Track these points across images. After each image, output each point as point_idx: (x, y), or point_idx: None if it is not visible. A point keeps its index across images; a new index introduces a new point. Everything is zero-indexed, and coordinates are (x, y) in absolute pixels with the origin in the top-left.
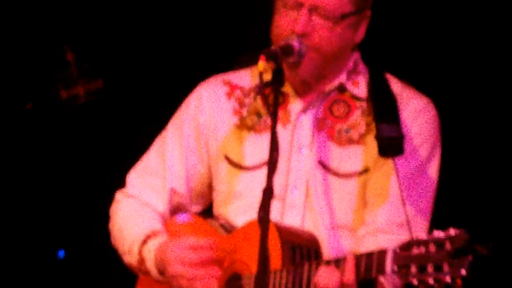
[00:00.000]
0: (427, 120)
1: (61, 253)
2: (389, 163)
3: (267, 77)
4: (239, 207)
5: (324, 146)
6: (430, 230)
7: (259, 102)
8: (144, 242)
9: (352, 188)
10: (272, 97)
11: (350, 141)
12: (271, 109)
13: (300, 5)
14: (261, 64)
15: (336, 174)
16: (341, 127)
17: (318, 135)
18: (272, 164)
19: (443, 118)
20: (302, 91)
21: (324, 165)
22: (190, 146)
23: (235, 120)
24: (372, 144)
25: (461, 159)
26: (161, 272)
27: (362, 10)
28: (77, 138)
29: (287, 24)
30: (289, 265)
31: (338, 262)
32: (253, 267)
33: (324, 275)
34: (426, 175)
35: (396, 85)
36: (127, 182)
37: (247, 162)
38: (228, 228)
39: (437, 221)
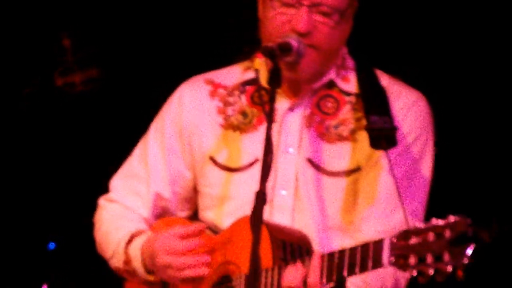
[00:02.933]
0: (418, 114)
1: (52, 245)
2: (380, 160)
3: (248, 76)
4: (226, 210)
5: (313, 144)
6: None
7: (244, 101)
8: (130, 241)
9: (342, 187)
10: (257, 96)
11: (340, 138)
12: (265, 105)
13: (299, 3)
14: (258, 61)
15: (326, 172)
16: (330, 123)
17: (307, 133)
18: (265, 167)
19: (434, 112)
20: (291, 89)
21: (313, 163)
22: (173, 149)
23: (219, 120)
24: (363, 140)
25: (455, 153)
26: (148, 269)
27: (354, 2)
28: (72, 127)
29: (285, 21)
30: (279, 264)
31: (303, 260)
32: (243, 268)
33: (289, 274)
34: (419, 173)
35: (385, 80)
36: (110, 188)
37: (234, 163)
38: (215, 231)
39: (431, 212)
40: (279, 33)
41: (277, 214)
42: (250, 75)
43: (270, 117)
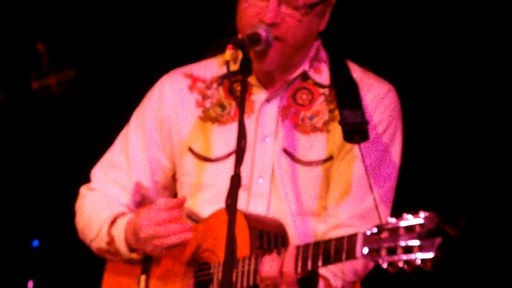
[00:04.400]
0: (388, 106)
1: (35, 243)
2: (353, 150)
3: (233, 67)
4: (205, 198)
5: (288, 135)
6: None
7: (222, 93)
8: (113, 222)
9: (317, 175)
10: (237, 87)
11: (314, 129)
12: (239, 98)
13: None
14: (228, 53)
15: (301, 162)
16: (305, 114)
17: (283, 124)
18: (240, 152)
19: (404, 103)
20: (266, 81)
21: (288, 153)
22: (153, 139)
23: (198, 112)
24: (336, 131)
25: (424, 145)
26: (132, 248)
27: None
28: (51, 128)
29: (255, 13)
30: (256, 252)
31: (279, 251)
32: (221, 255)
33: (266, 264)
34: (389, 162)
35: (357, 72)
36: (91, 177)
37: (212, 153)
38: (194, 219)
39: (403, 207)
40: (249, 24)
41: (254, 201)
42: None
43: (242, 105)
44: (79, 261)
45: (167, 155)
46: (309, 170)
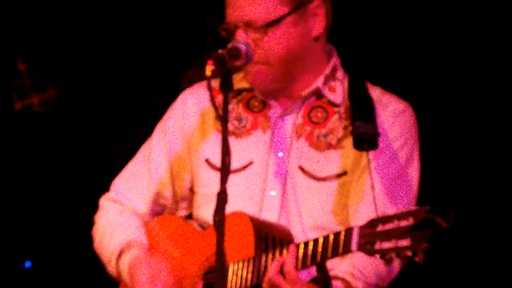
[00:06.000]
0: (405, 122)
1: (28, 264)
2: (367, 165)
3: (244, 84)
4: None
5: (303, 152)
6: None
7: (240, 107)
8: (119, 256)
9: (331, 190)
10: (254, 102)
11: (329, 146)
12: (255, 112)
13: (235, 26)
14: (209, 68)
15: (315, 177)
16: (320, 132)
17: (298, 141)
18: (224, 169)
19: (423, 124)
20: (279, 96)
21: (304, 170)
22: (175, 151)
23: (217, 125)
24: (349, 147)
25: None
26: None
27: (300, 5)
28: (33, 148)
29: None
30: (260, 254)
31: (281, 251)
32: (229, 258)
33: (271, 267)
34: (406, 179)
35: (375, 92)
36: (111, 187)
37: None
38: (206, 227)
39: None
40: None
41: (265, 213)
42: (246, 83)
43: (225, 120)
44: (73, 282)
45: (187, 166)
46: (323, 185)
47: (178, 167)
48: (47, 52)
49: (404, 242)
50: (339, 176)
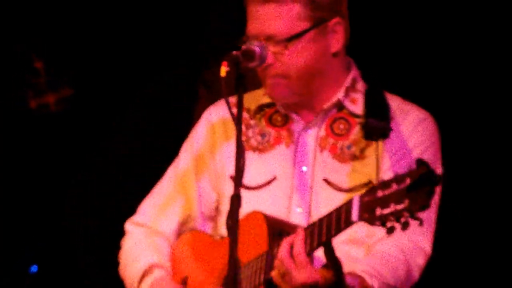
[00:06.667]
0: (425, 130)
1: (34, 268)
2: (388, 172)
3: (266, 100)
4: None
5: (328, 165)
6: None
7: (263, 122)
8: (141, 279)
9: None
10: (277, 117)
11: (353, 157)
12: (277, 127)
13: (257, 39)
14: (223, 69)
15: (341, 189)
16: (343, 144)
17: (321, 154)
18: (238, 171)
19: (445, 134)
20: (301, 110)
21: (329, 183)
22: (201, 171)
23: None
24: (372, 156)
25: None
26: None
27: (321, 22)
28: (47, 147)
29: None
30: (273, 248)
31: (289, 234)
32: (244, 259)
33: (281, 249)
34: None
35: (395, 101)
36: (138, 211)
37: (251, 181)
38: None
39: None
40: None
41: None
42: (268, 98)
43: (239, 122)
44: (73, 282)
45: (213, 185)
46: (349, 197)
47: (205, 186)
48: (64, 51)
49: (402, 205)
50: (365, 185)
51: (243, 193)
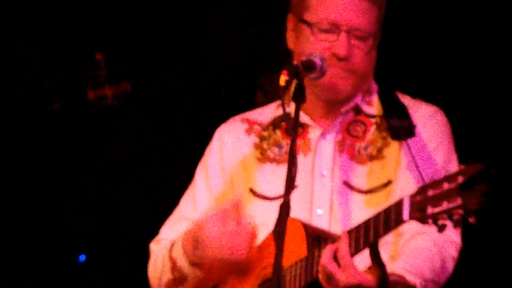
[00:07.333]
0: (437, 124)
1: (82, 257)
2: (408, 170)
3: (281, 112)
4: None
5: (347, 167)
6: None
7: (279, 134)
8: (172, 246)
9: (378, 201)
10: (290, 128)
11: (371, 158)
12: (295, 140)
13: (337, 28)
14: (283, 78)
15: (361, 191)
16: (360, 145)
17: (340, 157)
18: (289, 180)
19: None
20: (318, 117)
21: (349, 185)
22: (218, 188)
23: (256, 154)
24: (390, 155)
25: None
26: (192, 262)
27: (380, 29)
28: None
29: (325, 47)
30: (313, 251)
31: (333, 240)
32: (284, 265)
33: (324, 253)
34: None
35: (405, 99)
36: (160, 232)
37: (271, 192)
38: None
39: None
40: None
41: None
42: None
43: (295, 131)
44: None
45: (231, 200)
46: (370, 198)
47: (223, 204)
48: (125, 45)
49: (455, 203)
50: (385, 186)
51: (262, 203)
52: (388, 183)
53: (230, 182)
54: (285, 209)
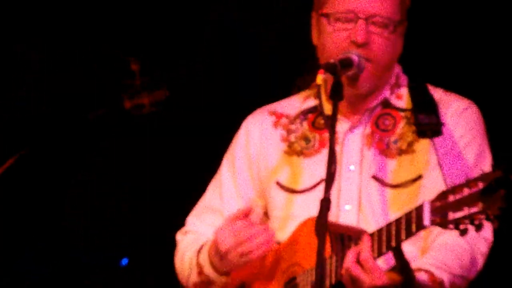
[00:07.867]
0: (470, 119)
1: (125, 261)
2: (438, 166)
3: (308, 104)
4: (291, 230)
5: (376, 161)
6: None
7: (306, 127)
8: (199, 251)
9: (408, 196)
10: (320, 120)
11: (400, 152)
12: (325, 128)
13: (355, 16)
14: (320, 77)
15: (391, 185)
16: (390, 139)
17: (368, 151)
18: (329, 176)
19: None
20: (347, 110)
21: (378, 179)
22: (245, 179)
23: (283, 147)
24: (421, 150)
25: None
26: (218, 270)
27: (405, 19)
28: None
29: (344, 36)
30: (336, 252)
31: (356, 243)
32: (306, 265)
33: (345, 257)
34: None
35: (437, 93)
36: (186, 223)
37: (299, 185)
38: None
39: None
40: (339, 49)
41: None
42: (311, 103)
43: (332, 130)
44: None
45: (258, 193)
46: (399, 193)
47: (249, 195)
48: (160, 54)
49: (476, 208)
50: (414, 180)
51: (289, 196)
52: (417, 178)
53: (257, 175)
54: (325, 204)
